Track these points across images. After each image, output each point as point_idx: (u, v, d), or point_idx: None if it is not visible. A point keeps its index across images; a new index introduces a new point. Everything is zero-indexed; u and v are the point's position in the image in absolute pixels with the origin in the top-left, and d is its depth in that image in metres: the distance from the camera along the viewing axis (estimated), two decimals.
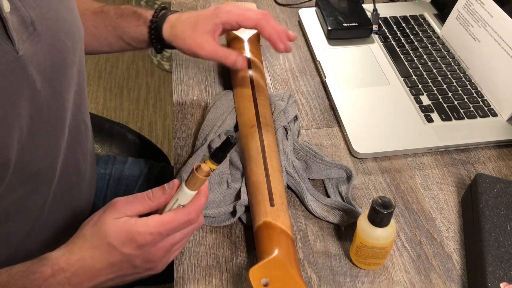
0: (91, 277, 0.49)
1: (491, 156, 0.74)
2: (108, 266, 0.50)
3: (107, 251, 0.49)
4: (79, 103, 0.65)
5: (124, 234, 0.49)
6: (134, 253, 0.49)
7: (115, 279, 0.51)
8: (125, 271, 0.51)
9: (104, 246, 0.49)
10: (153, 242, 0.49)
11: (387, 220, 0.54)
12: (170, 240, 0.51)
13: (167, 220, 0.50)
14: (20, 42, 0.50)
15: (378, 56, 0.89)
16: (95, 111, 1.98)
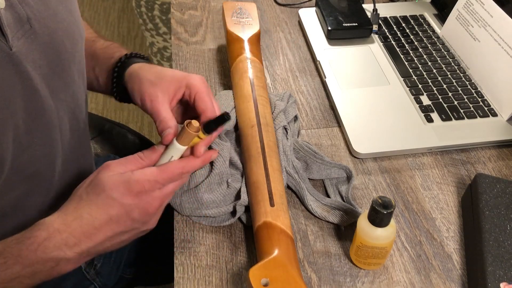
0: (89, 236, 0.49)
1: (491, 156, 0.74)
2: (107, 221, 0.49)
3: (106, 204, 0.49)
4: (79, 102, 0.65)
5: (122, 184, 0.50)
6: (133, 202, 0.50)
7: (113, 238, 0.51)
8: (124, 226, 0.50)
9: (103, 199, 0.49)
10: (150, 190, 0.50)
11: (387, 220, 0.54)
12: (165, 190, 0.52)
13: (163, 169, 0.52)
14: (14, 38, 0.50)
15: (378, 56, 0.89)
16: (95, 111, 1.98)
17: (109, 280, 0.82)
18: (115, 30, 2.40)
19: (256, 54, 0.80)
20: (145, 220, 0.52)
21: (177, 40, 0.93)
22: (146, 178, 0.50)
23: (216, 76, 0.86)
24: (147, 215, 0.52)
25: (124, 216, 0.50)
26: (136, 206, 0.50)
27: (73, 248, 0.49)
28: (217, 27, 0.97)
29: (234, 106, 0.75)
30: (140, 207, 0.50)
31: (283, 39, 0.95)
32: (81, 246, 0.49)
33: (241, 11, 0.87)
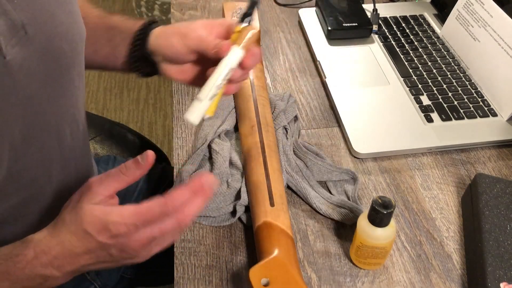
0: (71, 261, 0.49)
1: (491, 156, 0.74)
2: (86, 251, 0.49)
3: (84, 238, 0.49)
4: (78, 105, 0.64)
5: (98, 222, 0.48)
6: (108, 242, 0.48)
7: (96, 264, 0.51)
8: (103, 258, 0.50)
9: (80, 232, 0.49)
10: (128, 233, 0.48)
11: (387, 220, 0.54)
12: (146, 233, 0.49)
13: (141, 211, 0.48)
14: (8, 47, 0.48)
15: (378, 56, 0.89)
16: (95, 111, 1.98)
17: (110, 280, 0.82)
18: None
19: None
20: (126, 257, 0.50)
21: None
22: (123, 222, 0.48)
23: None
24: (126, 253, 0.50)
25: (101, 251, 0.49)
26: (113, 245, 0.49)
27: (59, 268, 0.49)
28: None
29: (234, 106, 0.75)
30: (117, 247, 0.49)
31: (283, 39, 0.95)
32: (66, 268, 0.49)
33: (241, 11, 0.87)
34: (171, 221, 0.49)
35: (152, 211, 0.48)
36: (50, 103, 0.56)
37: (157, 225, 0.49)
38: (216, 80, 0.53)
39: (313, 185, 0.67)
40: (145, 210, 0.48)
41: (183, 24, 0.62)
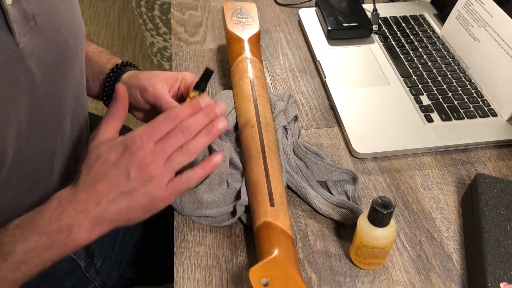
0: (93, 200, 0.50)
1: (491, 156, 0.74)
2: (107, 183, 0.50)
3: (104, 168, 0.50)
4: (80, 101, 0.65)
5: (116, 147, 0.51)
6: (126, 160, 0.50)
7: (116, 201, 0.50)
8: (123, 185, 0.50)
9: (101, 164, 0.51)
10: (141, 144, 0.50)
11: (387, 220, 0.54)
12: (157, 145, 0.51)
13: (150, 122, 0.52)
14: (20, 35, 0.50)
15: (378, 56, 0.89)
16: (95, 111, 1.98)
17: (109, 279, 0.82)
18: (115, 30, 2.40)
19: (256, 54, 0.80)
20: (143, 179, 0.51)
21: (177, 40, 0.93)
22: (137, 133, 0.51)
23: (216, 76, 0.86)
24: (142, 172, 0.50)
25: (120, 175, 0.50)
26: (130, 163, 0.50)
27: (82, 213, 0.50)
28: (217, 27, 0.97)
29: (234, 106, 0.75)
30: (133, 164, 0.50)
31: (283, 39, 0.95)
32: (89, 211, 0.50)
33: (241, 11, 0.87)
34: (177, 131, 0.52)
35: (159, 119, 0.52)
36: (54, 94, 0.57)
37: (164, 136, 0.51)
38: None
39: (313, 185, 0.67)
40: (155, 120, 0.52)
41: (147, 76, 0.66)
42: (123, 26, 2.43)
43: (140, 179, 0.51)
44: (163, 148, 0.51)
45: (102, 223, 0.51)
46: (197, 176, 0.53)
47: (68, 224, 0.50)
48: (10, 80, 0.49)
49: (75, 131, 0.64)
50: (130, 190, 0.51)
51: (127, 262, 0.84)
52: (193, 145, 0.53)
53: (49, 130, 0.58)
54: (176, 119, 0.52)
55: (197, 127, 0.53)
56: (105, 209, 0.50)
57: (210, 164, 0.54)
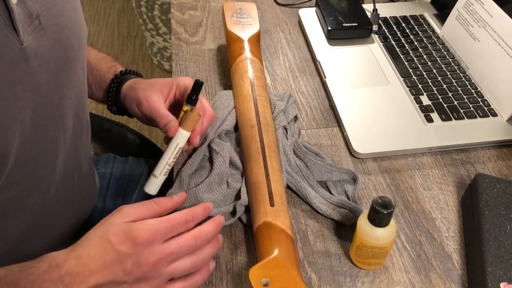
0: (82, 278, 0.48)
1: (491, 156, 0.74)
2: (101, 266, 0.48)
3: (104, 248, 0.48)
4: (82, 101, 0.66)
5: (122, 232, 0.49)
6: (128, 251, 0.48)
7: (104, 286, 0.49)
8: (115, 274, 0.48)
9: (103, 243, 0.49)
10: (149, 241, 0.48)
11: (387, 220, 0.54)
12: (166, 247, 0.49)
13: (164, 218, 0.50)
14: (25, 34, 0.50)
15: (378, 56, 0.89)
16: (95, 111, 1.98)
17: None
18: (115, 30, 2.40)
19: (256, 54, 0.80)
20: (137, 276, 0.48)
21: (177, 40, 0.94)
22: (147, 228, 0.48)
23: (216, 76, 0.86)
24: (140, 270, 0.48)
25: (117, 263, 0.48)
26: (131, 256, 0.48)
27: (68, 287, 0.47)
28: (217, 27, 0.97)
29: (234, 106, 0.75)
30: (134, 259, 0.48)
31: (283, 39, 0.95)
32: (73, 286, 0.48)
33: (241, 11, 0.87)
34: (189, 236, 0.50)
35: (175, 219, 0.50)
36: (57, 93, 0.58)
37: (176, 239, 0.49)
38: (168, 159, 0.62)
39: (313, 185, 0.67)
40: (167, 218, 0.50)
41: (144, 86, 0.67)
42: (123, 26, 2.43)
43: (135, 275, 0.48)
44: (169, 253, 0.49)
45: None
46: (196, 284, 0.52)
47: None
48: (15, 78, 0.50)
49: (76, 130, 0.65)
50: (120, 281, 0.49)
51: None
52: (201, 257, 0.52)
53: (52, 129, 0.58)
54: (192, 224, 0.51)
55: (208, 237, 0.52)
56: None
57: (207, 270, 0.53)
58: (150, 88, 0.67)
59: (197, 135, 0.63)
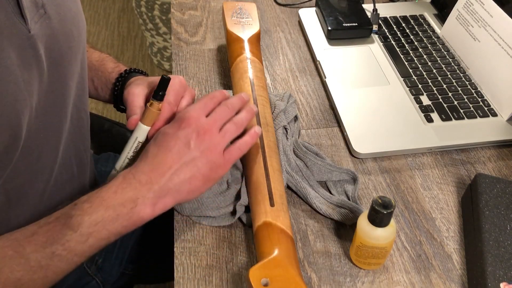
0: (156, 171, 0.54)
1: (491, 156, 0.74)
2: (167, 153, 0.54)
3: (164, 141, 0.56)
4: (81, 93, 0.66)
5: (173, 122, 0.58)
6: (185, 130, 0.56)
7: (179, 171, 0.54)
8: (183, 154, 0.55)
9: (161, 138, 0.56)
10: (197, 116, 0.57)
11: (387, 220, 0.54)
12: (210, 118, 0.58)
13: (199, 101, 0.60)
14: (32, 22, 0.52)
15: (378, 56, 0.89)
16: (95, 111, 1.98)
17: (111, 276, 0.82)
18: (115, 30, 2.40)
19: (256, 54, 0.80)
20: (203, 147, 0.55)
21: (177, 40, 0.94)
22: (190, 109, 0.58)
23: (216, 76, 0.86)
24: (202, 140, 0.55)
25: (182, 145, 0.55)
26: (190, 133, 0.55)
27: (146, 185, 0.53)
28: (217, 27, 0.97)
29: None
30: (193, 134, 0.55)
31: (283, 39, 0.95)
32: (152, 183, 0.53)
33: (241, 11, 0.87)
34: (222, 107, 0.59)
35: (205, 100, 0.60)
36: (59, 82, 0.59)
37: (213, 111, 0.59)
38: (127, 153, 0.63)
39: (313, 185, 0.67)
40: (198, 101, 0.60)
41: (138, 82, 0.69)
42: (123, 26, 2.43)
43: (200, 147, 0.55)
44: (215, 120, 0.57)
45: (165, 195, 0.54)
46: (248, 144, 0.59)
47: (132, 197, 0.53)
48: (24, 65, 0.51)
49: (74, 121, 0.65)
50: (191, 159, 0.55)
51: (128, 260, 0.84)
52: (240, 118, 0.60)
53: (54, 117, 0.59)
54: (219, 98, 0.61)
55: (237, 105, 0.61)
56: (168, 180, 0.54)
57: (254, 132, 0.60)
58: (140, 83, 0.67)
59: (154, 130, 0.62)
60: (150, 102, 0.61)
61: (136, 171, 0.54)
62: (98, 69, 0.77)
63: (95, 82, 0.76)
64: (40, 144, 0.58)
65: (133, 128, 0.62)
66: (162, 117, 0.62)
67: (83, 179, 0.72)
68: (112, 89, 0.75)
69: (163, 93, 0.61)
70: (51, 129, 0.59)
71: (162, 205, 0.54)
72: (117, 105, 0.76)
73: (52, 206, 0.65)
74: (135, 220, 0.53)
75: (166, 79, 0.60)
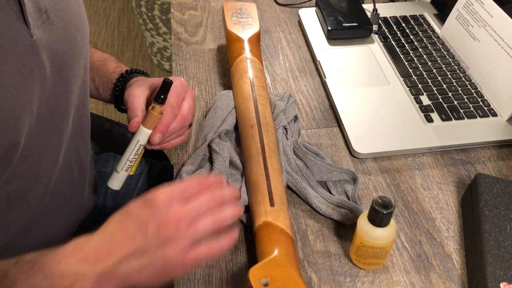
0: (106, 253, 0.47)
1: (491, 156, 0.74)
2: (123, 237, 0.47)
3: (125, 219, 0.49)
4: (83, 97, 0.66)
5: (140, 200, 0.49)
6: (148, 215, 0.47)
7: (129, 259, 0.47)
8: (138, 242, 0.47)
9: (123, 216, 0.49)
10: (167, 202, 0.48)
11: (387, 220, 0.54)
12: (184, 207, 0.48)
13: (178, 183, 0.50)
14: (35, 27, 0.52)
15: (378, 56, 0.89)
16: (95, 111, 1.98)
17: None
18: (115, 30, 2.40)
19: (256, 54, 0.80)
20: (161, 239, 0.47)
21: (177, 40, 0.94)
22: (162, 191, 0.48)
23: (216, 76, 0.86)
24: (162, 231, 0.47)
25: (139, 230, 0.47)
26: (151, 219, 0.47)
27: (92, 265, 0.47)
28: (217, 27, 0.97)
29: (234, 106, 0.75)
30: (154, 221, 0.47)
31: (283, 39, 0.95)
32: (98, 264, 0.47)
33: (241, 11, 0.87)
34: (206, 196, 0.49)
35: (189, 182, 0.50)
36: (62, 86, 0.59)
37: (193, 199, 0.49)
38: (129, 155, 0.63)
39: (313, 185, 0.67)
40: (183, 182, 0.50)
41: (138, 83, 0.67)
42: (123, 26, 2.43)
43: (158, 238, 0.47)
44: (188, 212, 0.48)
45: (109, 280, 0.48)
46: (222, 250, 0.50)
47: (74, 272, 0.47)
48: (26, 70, 0.51)
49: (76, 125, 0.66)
50: (145, 249, 0.47)
51: None
52: (223, 217, 0.50)
53: (56, 122, 0.59)
54: (206, 185, 0.51)
55: (226, 200, 0.51)
56: (115, 266, 0.47)
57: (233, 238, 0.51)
58: (142, 84, 0.67)
59: (156, 134, 0.62)
60: (152, 106, 0.61)
61: (88, 243, 0.48)
62: (99, 69, 0.77)
63: (96, 82, 0.77)
64: (41, 148, 0.58)
65: (134, 131, 0.62)
66: (163, 120, 0.61)
67: (83, 182, 0.72)
68: (113, 89, 0.75)
69: (164, 97, 0.61)
70: (52, 132, 0.59)
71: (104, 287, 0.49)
72: (118, 105, 0.76)
73: (53, 209, 0.65)
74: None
75: (168, 82, 0.60)
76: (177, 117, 0.65)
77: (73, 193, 0.69)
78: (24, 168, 0.56)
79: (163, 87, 0.60)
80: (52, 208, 0.65)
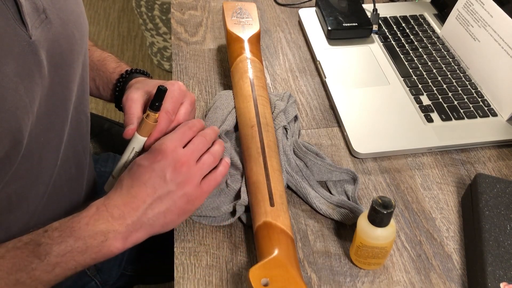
0: (130, 205, 0.52)
1: (491, 156, 0.74)
2: (142, 187, 0.53)
3: (139, 172, 0.54)
4: (81, 95, 0.66)
5: (148, 154, 0.56)
6: (161, 163, 0.54)
7: (153, 205, 0.53)
8: (158, 188, 0.53)
9: (135, 170, 0.55)
10: (173, 148, 0.55)
11: (387, 220, 0.54)
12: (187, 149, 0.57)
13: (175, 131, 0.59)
14: (33, 28, 0.51)
15: (378, 56, 0.89)
16: (95, 111, 1.98)
17: (110, 277, 0.82)
18: (115, 30, 2.40)
19: (256, 54, 0.80)
20: (179, 180, 0.54)
21: (177, 40, 0.94)
22: (166, 139, 0.56)
23: (216, 76, 0.86)
24: (178, 173, 0.54)
25: (156, 178, 0.54)
26: (165, 166, 0.54)
27: (119, 220, 0.52)
28: (217, 27, 0.97)
29: (234, 106, 0.75)
30: (169, 167, 0.54)
31: (283, 39, 0.95)
32: (125, 217, 0.52)
33: (241, 11, 0.87)
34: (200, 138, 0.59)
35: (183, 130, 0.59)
36: (61, 86, 0.59)
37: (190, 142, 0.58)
38: (124, 161, 0.63)
39: (313, 185, 0.67)
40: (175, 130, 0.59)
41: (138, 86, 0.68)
42: (123, 26, 2.43)
43: (176, 180, 0.54)
44: (192, 151, 0.57)
45: (138, 230, 0.53)
46: (223, 174, 0.60)
47: (103, 230, 0.51)
48: (25, 71, 0.51)
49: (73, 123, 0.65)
50: (166, 192, 0.54)
51: (127, 260, 0.84)
52: (216, 150, 0.60)
53: (56, 121, 0.59)
54: (198, 127, 0.61)
55: (213, 137, 0.61)
56: (142, 215, 0.53)
57: (226, 162, 0.61)
58: (141, 87, 0.66)
59: (151, 141, 0.61)
60: (147, 114, 0.60)
61: (109, 203, 0.53)
62: (99, 69, 0.76)
63: (96, 81, 0.76)
64: (42, 147, 0.58)
65: (129, 138, 0.62)
66: (158, 127, 0.61)
67: (81, 180, 0.72)
68: (113, 89, 0.75)
69: (159, 104, 0.60)
70: (52, 132, 0.59)
71: (134, 239, 0.53)
72: (119, 105, 0.76)
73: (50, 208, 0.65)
74: (104, 253, 0.52)
75: (162, 90, 0.59)
76: (173, 123, 0.64)
77: (71, 191, 0.69)
78: (25, 169, 0.56)
79: (157, 94, 0.60)
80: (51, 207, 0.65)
